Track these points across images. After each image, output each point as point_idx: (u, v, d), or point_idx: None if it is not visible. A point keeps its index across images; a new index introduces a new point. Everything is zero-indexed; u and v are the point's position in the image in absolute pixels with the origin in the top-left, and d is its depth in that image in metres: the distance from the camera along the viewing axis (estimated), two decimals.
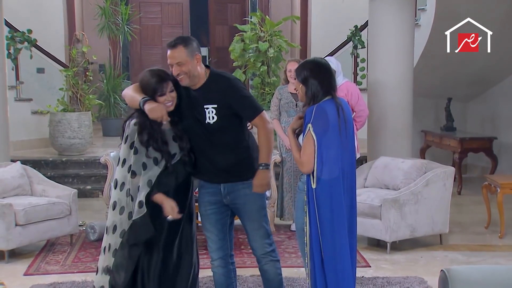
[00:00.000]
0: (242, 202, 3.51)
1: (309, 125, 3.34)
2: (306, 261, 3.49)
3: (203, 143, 3.46)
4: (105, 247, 3.48)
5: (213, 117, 3.39)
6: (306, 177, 3.44)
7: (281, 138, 6.05)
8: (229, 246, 3.63)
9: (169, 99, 3.40)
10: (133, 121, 3.39)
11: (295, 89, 3.58)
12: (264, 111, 3.51)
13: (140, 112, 3.38)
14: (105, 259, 3.48)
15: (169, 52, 3.39)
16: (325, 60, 3.63)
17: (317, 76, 3.44)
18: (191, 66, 3.36)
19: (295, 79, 3.51)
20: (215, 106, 3.39)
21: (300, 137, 3.48)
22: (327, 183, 3.35)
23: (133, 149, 3.36)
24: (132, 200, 3.36)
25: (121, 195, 3.39)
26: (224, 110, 3.39)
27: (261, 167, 3.43)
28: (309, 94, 3.43)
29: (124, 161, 3.39)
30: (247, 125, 3.65)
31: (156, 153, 3.36)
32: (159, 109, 3.33)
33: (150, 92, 3.38)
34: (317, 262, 3.40)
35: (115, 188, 3.44)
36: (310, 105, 3.41)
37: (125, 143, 3.39)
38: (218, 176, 3.49)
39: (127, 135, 3.39)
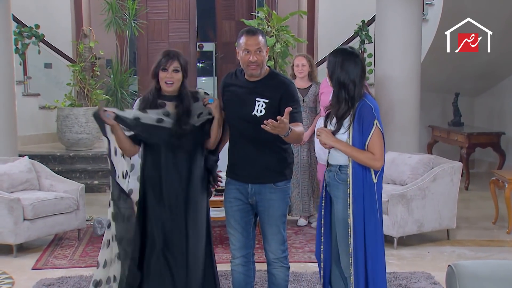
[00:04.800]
0: (266, 205, 3.49)
1: (376, 121, 3.30)
2: (350, 251, 3.36)
3: (242, 138, 3.47)
4: (108, 240, 3.51)
5: (261, 111, 3.39)
6: (355, 169, 3.33)
7: None
8: (252, 245, 3.61)
9: (169, 77, 3.41)
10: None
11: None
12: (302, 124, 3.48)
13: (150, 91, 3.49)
14: (104, 253, 3.53)
15: (248, 38, 3.41)
16: None
17: None
18: (264, 56, 3.43)
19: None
20: (267, 101, 3.40)
21: (341, 136, 3.37)
22: (381, 177, 3.40)
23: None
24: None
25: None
26: (273, 107, 3.39)
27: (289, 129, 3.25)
28: (357, 89, 3.36)
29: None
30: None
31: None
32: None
33: (155, 66, 3.43)
34: (361, 254, 3.36)
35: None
36: (351, 106, 3.34)
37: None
38: (248, 175, 3.48)
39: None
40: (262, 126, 3.16)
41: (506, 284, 2.64)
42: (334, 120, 3.42)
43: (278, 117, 3.15)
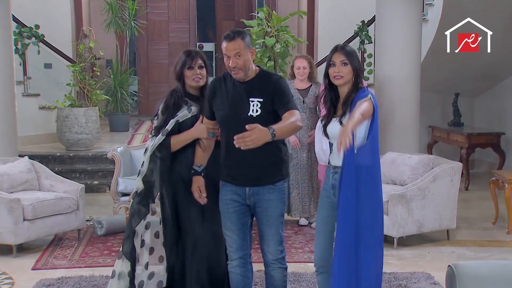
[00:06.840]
0: (265, 206, 3.47)
1: (370, 95, 3.33)
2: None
3: None
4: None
5: (257, 110, 3.37)
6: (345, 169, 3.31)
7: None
8: (249, 246, 3.60)
9: (196, 74, 3.64)
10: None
11: (338, 75, 3.38)
12: (298, 112, 3.41)
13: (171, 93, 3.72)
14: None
15: (226, 44, 3.42)
16: None
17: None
18: (247, 59, 3.41)
19: (345, 64, 3.34)
20: (261, 100, 3.37)
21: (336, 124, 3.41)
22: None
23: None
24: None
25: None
26: (268, 105, 3.37)
27: (270, 130, 3.14)
28: (357, 81, 3.38)
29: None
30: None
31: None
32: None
33: (180, 66, 3.65)
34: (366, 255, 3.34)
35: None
36: (355, 92, 3.36)
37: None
38: (246, 178, 3.45)
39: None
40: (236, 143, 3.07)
41: (506, 284, 2.63)
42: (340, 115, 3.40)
43: (248, 127, 3.07)
